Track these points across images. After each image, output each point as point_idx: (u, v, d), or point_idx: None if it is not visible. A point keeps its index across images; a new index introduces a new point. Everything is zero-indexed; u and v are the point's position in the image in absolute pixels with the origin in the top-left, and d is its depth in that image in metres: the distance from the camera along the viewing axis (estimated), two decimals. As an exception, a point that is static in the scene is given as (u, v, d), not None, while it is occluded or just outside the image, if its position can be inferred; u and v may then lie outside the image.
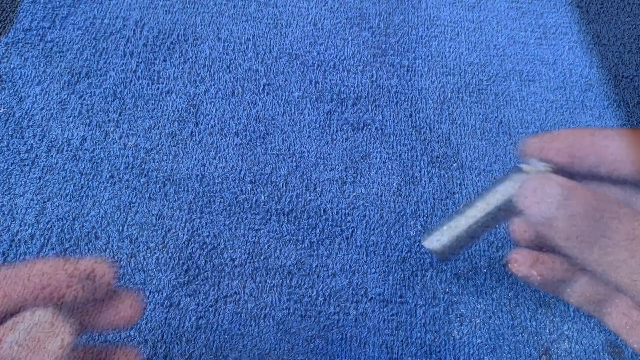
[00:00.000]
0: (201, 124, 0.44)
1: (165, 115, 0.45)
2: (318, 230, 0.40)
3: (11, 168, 0.41)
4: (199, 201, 0.41)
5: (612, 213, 0.23)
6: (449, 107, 0.47)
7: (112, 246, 0.39)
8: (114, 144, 0.43)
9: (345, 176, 0.43)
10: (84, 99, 0.45)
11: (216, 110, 0.45)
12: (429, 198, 0.42)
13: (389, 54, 0.49)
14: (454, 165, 0.44)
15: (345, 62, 0.48)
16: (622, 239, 0.23)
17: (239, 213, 0.41)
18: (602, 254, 0.23)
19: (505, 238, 0.41)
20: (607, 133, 0.28)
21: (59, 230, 0.39)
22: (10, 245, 0.38)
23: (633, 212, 0.24)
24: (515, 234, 0.31)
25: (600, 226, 0.23)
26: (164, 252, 0.39)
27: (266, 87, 0.46)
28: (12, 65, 0.46)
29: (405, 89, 0.47)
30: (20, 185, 0.41)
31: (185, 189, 0.41)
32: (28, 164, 0.42)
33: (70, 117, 0.44)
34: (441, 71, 0.48)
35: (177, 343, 0.36)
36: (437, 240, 0.30)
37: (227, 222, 0.40)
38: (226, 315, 0.37)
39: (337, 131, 0.45)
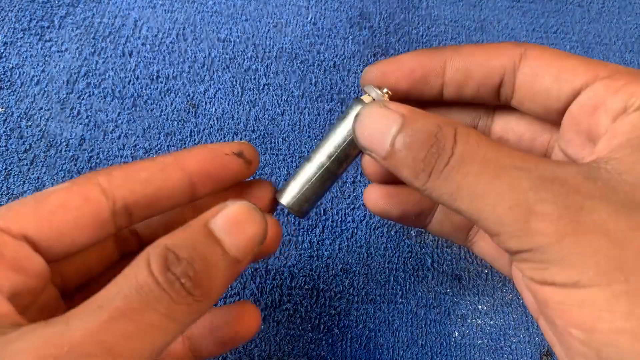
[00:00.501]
0: (200, 124, 0.44)
1: (165, 115, 0.44)
2: (318, 230, 0.40)
3: (10, 168, 0.41)
4: (198, 201, 0.41)
5: (448, 137, 0.22)
6: (449, 107, 0.46)
7: (111, 247, 0.39)
8: (112, 143, 0.43)
9: (346, 176, 0.43)
10: (83, 99, 0.45)
11: (215, 110, 0.45)
12: (430, 198, 0.42)
13: (389, 53, 0.49)
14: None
15: (345, 61, 0.48)
16: (457, 162, 0.21)
17: (239, 213, 0.40)
18: (442, 182, 0.22)
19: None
20: (448, 53, 0.27)
21: (57, 230, 0.39)
22: (9, 246, 0.38)
23: (469, 133, 0.22)
24: (365, 170, 0.30)
25: (436, 152, 0.22)
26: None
27: (266, 86, 0.46)
28: (10, 65, 0.46)
29: (406, 88, 0.47)
30: (19, 185, 0.41)
31: (185, 189, 0.41)
32: (27, 164, 0.42)
33: (69, 117, 0.44)
34: (442, 71, 0.48)
35: (176, 344, 0.36)
36: (289, 194, 0.27)
37: (226, 223, 0.40)
38: (226, 316, 0.37)
39: (337, 131, 0.44)
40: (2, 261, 0.21)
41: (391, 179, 0.29)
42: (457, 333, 0.37)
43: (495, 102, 0.28)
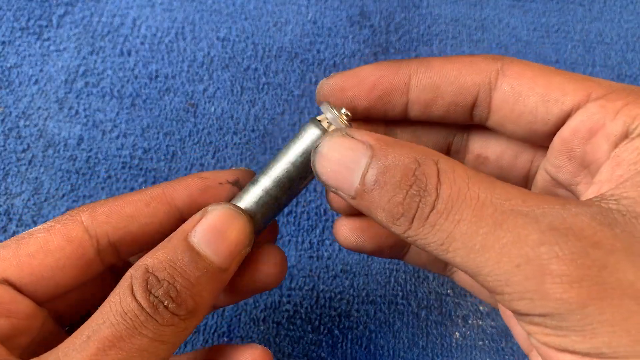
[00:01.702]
0: (200, 124, 0.44)
1: (164, 114, 0.44)
2: (318, 231, 0.40)
3: (8, 168, 0.41)
4: (197, 201, 0.40)
5: (429, 175, 0.19)
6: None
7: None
8: (111, 143, 0.43)
9: (346, 176, 0.42)
10: (81, 98, 0.44)
11: (215, 109, 0.45)
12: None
13: (390, 52, 0.48)
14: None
15: (345, 60, 0.48)
16: (445, 207, 0.18)
17: (238, 213, 0.40)
18: (429, 230, 0.19)
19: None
20: (414, 67, 0.23)
21: (55, 231, 0.39)
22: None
23: (454, 167, 0.19)
24: (331, 203, 0.26)
25: (417, 194, 0.18)
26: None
27: (265, 85, 0.46)
28: (8, 64, 0.46)
29: (407, 87, 0.47)
30: (17, 185, 0.40)
31: (184, 189, 0.41)
32: (25, 164, 0.41)
33: (67, 116, 0.43)
34: (443, 70, 0.48)
35: (175, 345, 0.35)
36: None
37: (226, 223, 0.40)
38: (225, 318, 0.37)
39: (337, 130, 0.44)
40: None
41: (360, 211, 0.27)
42: (458, 334, 0.37)
43: (467, 122, 0.25)
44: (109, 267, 0.24)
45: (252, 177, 0.25)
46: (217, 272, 0.21)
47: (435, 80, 0.23)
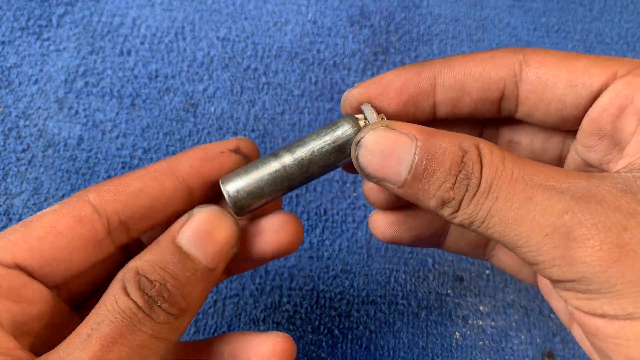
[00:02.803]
0: (199, 123, 0.44)
1: (163, 114, 0.44)
2: (318, 231, 0.40)
3: (8, 168, 0.41)
4: (197, 201, 0.40)
5: (474, 159, 0.20)
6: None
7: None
8: (111, 143, 0.43)
9: (346, 176, 0.42)
10: (81, 98, 0.44)
11: (215, 109, 0.45)
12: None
13: (390, 52, 0.48)
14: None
15: (345, 60, 0.48)
16: (486, 187, 0.19)
17: (238, 213, 0.40)
18: (472, 209, 0.20)
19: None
20: (437, 67, 0.24)
21: (55, 231, 0.39)
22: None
23: (492, 149, 0.20)
24: (369, 198, 0.27)
25: (466, 178, 0.20)
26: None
27: (265, 85, 0.46)
28: (8, 64, 0.46)
29: (407, 87, 0.47)
30: (17, 185, 0.40)
31: (184, 189, 0.41)
32: (25, 164, 0.41)
33: (67, 116, 0.43)
34: (443, 70, 0.48)
35: (175, 346, 0.35)
36: (234, 182, 0.24)
37: (226, 223, 0.40)
38: (225, 318, 0.37)
39: (337, 130, 0.44)
40: None
41: (398, 204, 0.27)
42: (458, 334, 0.37)
43: (496, 115, 0.25)
44: (119, 247, 0.24)
45: (251, 146, 0.26)
46: (206, 272, 0.21)
47: (460, 79, 0.23)
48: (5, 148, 0.42)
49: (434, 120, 0.25)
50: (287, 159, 0.24)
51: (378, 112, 0.24)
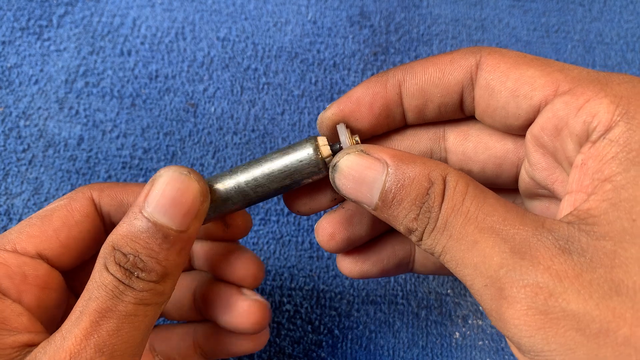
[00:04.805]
0: (200, 123, 0.44)
1: (164, 114, 0.44)
2: (318, 230, 0.40)
3: (8, 168, 0.41)
4: (197, 201, 0.40)
5: (437, 193, 0.20)
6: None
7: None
8: (111, 143, 0.43)
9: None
10: (81, 98, 0.44)
11: (215, 109, 0.45)
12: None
13: (390, 52, 0.48)
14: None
15: (345, 60, 0.48)
16: (442, 223, 0.19)
17: (239, 213, 0.40)
18: (431, 241, 0.20)
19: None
20: (400, 75, 0.24)
21: (56, 231, 0.39)
22: (7, 247, 0.38)
23: (457, 182, 0.20)
24: (324, 243, 0.27)
25: (427, 210, 0.20)
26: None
27: (265, 86, 0.46)
28: (9, 64, 0.46)
29: (407, 87, 0.47)
30: (17, 185, 0.40)
31: (184, 189, 0.41)
32: (25, 164, 0.41)
33: (67, 116, 0.43)
34: (443, 70, 0.48)
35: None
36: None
37: (226, 223, 0.40)
38: (225, 317, 0.37)
39: (337, 130, 0.44)
40: (27, 280, 0.23)
41: (354, 244, 0.27)
42: (458, 334, 0.37)
43: (461, 117, 0.25)
44: None
45: None
46: (178, 235, 0.22)
47: (421, 86, 0.24)
48: (5, 148, 0.42)
49: (406, 126, 0.26)
50: (242, 178, 0.24)
51: (353, 132, 0.24)
